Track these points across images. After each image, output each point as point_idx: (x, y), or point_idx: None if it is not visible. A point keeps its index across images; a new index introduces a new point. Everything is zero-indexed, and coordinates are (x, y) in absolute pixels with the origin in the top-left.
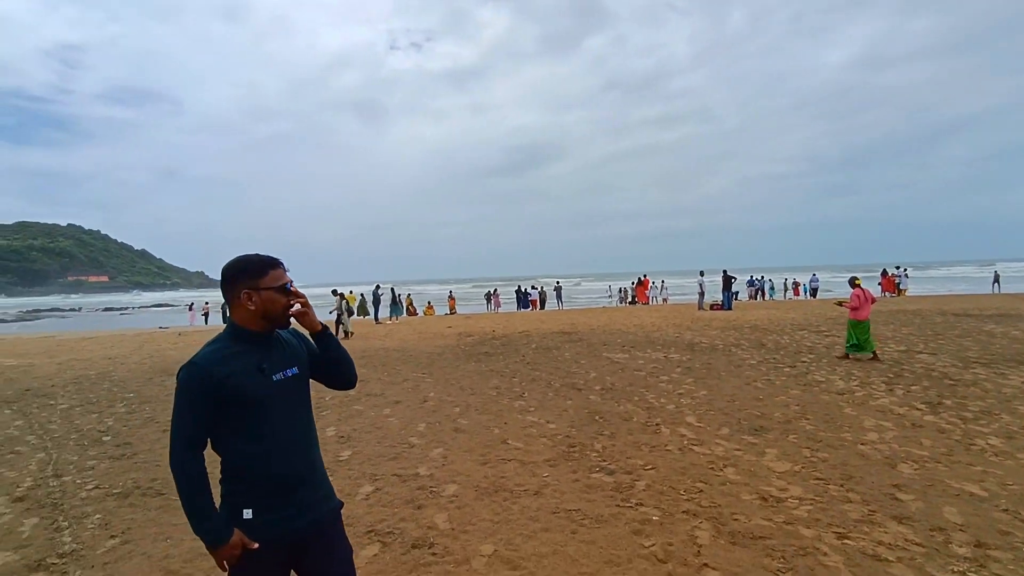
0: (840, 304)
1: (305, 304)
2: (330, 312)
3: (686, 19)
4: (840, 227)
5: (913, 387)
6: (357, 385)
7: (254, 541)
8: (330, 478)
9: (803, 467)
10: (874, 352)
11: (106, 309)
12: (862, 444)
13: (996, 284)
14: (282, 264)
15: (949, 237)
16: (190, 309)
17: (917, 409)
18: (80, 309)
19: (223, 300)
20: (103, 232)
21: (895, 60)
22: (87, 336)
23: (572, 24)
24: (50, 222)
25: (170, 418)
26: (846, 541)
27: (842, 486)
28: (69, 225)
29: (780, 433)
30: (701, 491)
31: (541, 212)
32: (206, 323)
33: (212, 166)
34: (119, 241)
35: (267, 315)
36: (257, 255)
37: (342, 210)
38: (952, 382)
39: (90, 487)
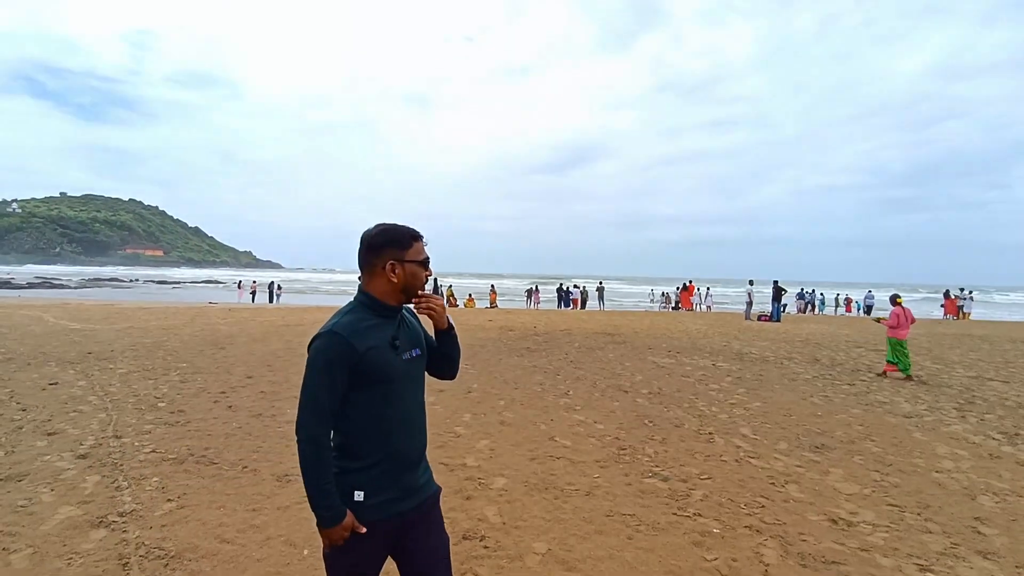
0: (879, 321)
1: (439, 304)
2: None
3: (748, 21)
4: (901, 244)
5: (987, 415)
6: None
7: (362, 524)
8: None
9: (873, 491)
10: (909, 374)
11: (160, 282)
12: (937, 472)
13: None
14: (423, 237)
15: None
16: (239, 287)
17: (993, 439)
18: (138, 280)
19: (272, 281)
20: (161, 208)
21: (972, 71)
22: (143, 306)
23: (629, 22)
24: (113, 196)
25: (220, 390)
26: (928, 574)
27: (919, 515)
28: (131, 200)
29: (844, 453)
30: (763, 506)
31: (586, 212)
32: (252, 301)
33: (266, 150)
34: (175, 218)
35: (407, 288)
36: (402, 225)
37: (389, 199)
38: None
39: (148, 450)
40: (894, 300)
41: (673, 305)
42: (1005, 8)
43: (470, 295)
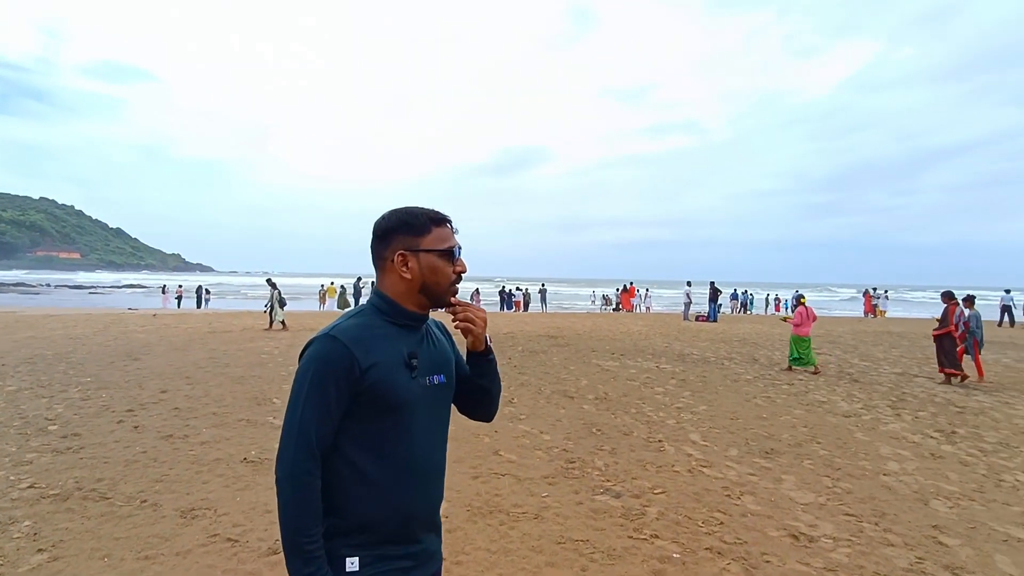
0: (785, 319)
1: (480, 316)
2: (264, 305)
3: (682, 31)
4: (823, 246)
5: (920, 413)
6: None
7: None
8: None
9: (828, 499)
10: (815, 366)
11: (75, 287)
12: (885, 475)
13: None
14: (450, 222)
15: (929, 262)
16: (163, 292)
17: (931, 438)
18: (49, 285)
19: (195, 286)
20: (78, 208)
21: (884, 85)
22: (51, 313)
23: (568, 28)
24: (22, 194)
25: (127, 408)
26: None
27: (877, 524)
28: (42, 198)
29: (793, 457)
30: (722, 523)
31: (528, 214)
32: (178, 307)
33: (199, 148)
34: (93, 218)
35: (427, 288)
36: (419, 207)
37: (329, 200)
38: (958, 409)
39: (24, 485)
40: (798, 300)
41: (614, 307)
42: (912, 26)
43: None
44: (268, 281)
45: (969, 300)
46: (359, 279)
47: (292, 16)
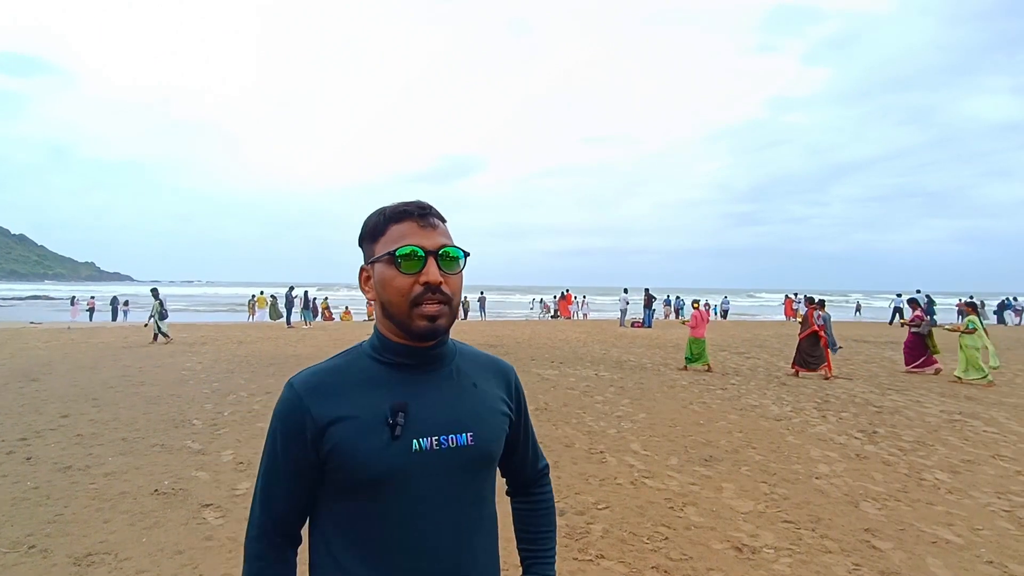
0: (684, 323)
1: None
2: (149, 317)
3: (611, 42)
4: (746, 253)
5: (843, 414)
6: (263, 398)
7: None
8: (221, 519)
9: (767, 506)
10: (708, 365)
11: None
12: (817, 478)
13: (858, 312)
14: (419, 213)
15: (838, 268)
16: (72, 304)
17: (855, 438)
18: None
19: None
20: None
21: (797, 104)
22: None
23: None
24: None
25: (20, 436)
26: None
27: (814, 530)
28: None
29: (731, 464)
30: (667, 539)
31: (467, 221)
32: (90, 320)
33: (112, 148)
34: None
35: (388, 310)
36: (396, 203)
37: (261, 205)
38: (876, 409)
39: None
40: (694, 304)
41: (552, 314)
42: (823, 49)
43: (347, 308)
44: (152, 291)
45: (820, 304)
46: (291, 288)
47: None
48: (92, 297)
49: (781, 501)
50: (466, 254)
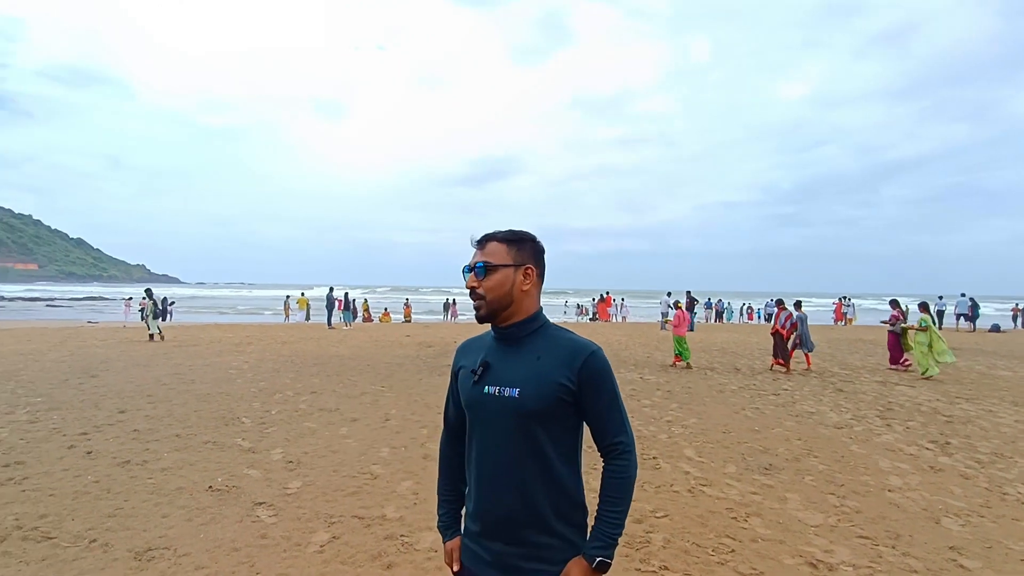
0: (666, 322)
1: None
2: (143, 317)
3: (651, 44)
4: (790, 256)
5: (910, 423)
6: (308, 398)
7: (459, 561)
8: (274, 518)
9: (838, 519)
10: (688, 362)
11: (31, 299)
12: (889, 491)
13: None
14: (483, 241)
15: (889, 271)
16: (126, 304)
17: (927, 449)
18: (2, 298)
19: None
20: (35, 217)
21: (845, 100)
22: (1, 328)
23: (539, 40)
24: None
25: (81, 431)
26: None
27: (894, 547)
28: None
29: (793, 473)
30: (733, 551)
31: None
32: (142, 319)
33: (161, 156)
34: (53, 228)
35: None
36: (495, 232)
37: (299, 209)
38: (945, 418)
39: None
40: (676, 305)
41: (590, 316)
42: (874, 43)
43: (386, 309)
44: (146, 291)
45: (797, 305)
46: (331, 289)
47: (263, 18)
48: (144, 297)
49: (853, 515)
50: (494, 265)
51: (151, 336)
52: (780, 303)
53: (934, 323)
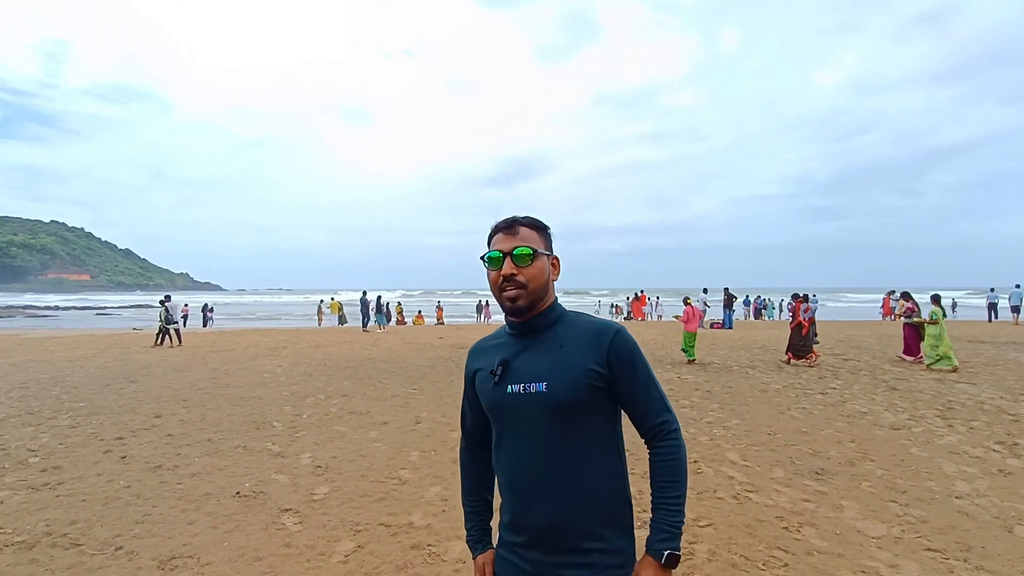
0: (677, 318)
1: None
2: (159, 324)
3: (679, 36)
4: (830, 249)
5: (973, 423)
6: (339, 401)
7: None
8: (299, 525)
9: (902, 530)
10: (692, 359)
11: (83, 308)
12: (957, 498)
13: (954, 311)
14: (512, 225)
15: (939, 262)
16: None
17: (994, 451)
18: (56, 307)
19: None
20: (87, 230)
21: (884, 86)
22: (53, 335)
23: (566, 37)
24: (32, 218)
25: (117, 435)
26: None
27: (966, 561)
28: (52, 222)
29: (848, 479)
30: (786, 564)
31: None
32: (184, 326)
33: (199, 167)
34: (103, 239)
35: (494, 296)
36: (512, 216)
37: (332, 215)
38: (1011, 417)
39: None
40: (685, 301)
41: (625, 315)
42: (913, 25)
43: (419, 312)
44: (160, 301)
45: (805, 298)
46: (364, 293)
47: (291, 31)
48: (186, 304)
49: (919, 524)
50: (536, 251)
51: (160, 340)
52: (798, 297)
53: (944, 316)
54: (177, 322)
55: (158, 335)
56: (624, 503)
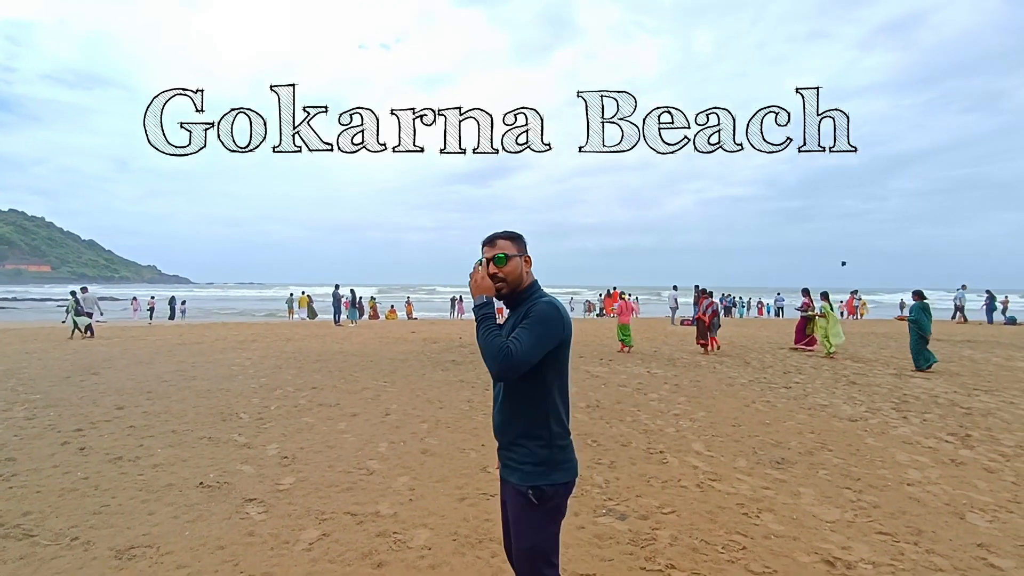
0: (604, 312)
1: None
2: (67, 314)
3: (654, 39)
4: (798, 250)
5: (927, 415)
6: (308, 393)
7: None
8: (264, 515)
9: (855, 515)
10: (630, 347)
11: (43, 300)
12: (909, 484)
13: (902, 310)
14: (493, 240)
15: (898, 265)
16: (133, 303)
17: (946, 442)
18: (14, 299)
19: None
20: (47, 219)
21: (851, 93)
22: (9, 327)
23: (544, 36)
24: None
25: (76, 427)
26: None
27: (917, 544)
28: (11, 210)
29: (807, 467)
30: (744, 548)
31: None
32: (151, 319)
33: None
34: (65, 230)
35: None
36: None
37: (304, 209)
38: (964, 410)
39: None
40: (619, 295)
41: (597, 312)
42: (880, 35)
43: (392, 307)
44: (71, 292)
45: (709, 293)
46: (337, 287)
47: (264, 18)
48: (152, 297)
49: (871, 509)
50: (508, 256)
51: (80, 332)
52: (704, 292)
53: (832, 310)
54: (90, 313)
55: (73, 330)
56: (543, 424)
